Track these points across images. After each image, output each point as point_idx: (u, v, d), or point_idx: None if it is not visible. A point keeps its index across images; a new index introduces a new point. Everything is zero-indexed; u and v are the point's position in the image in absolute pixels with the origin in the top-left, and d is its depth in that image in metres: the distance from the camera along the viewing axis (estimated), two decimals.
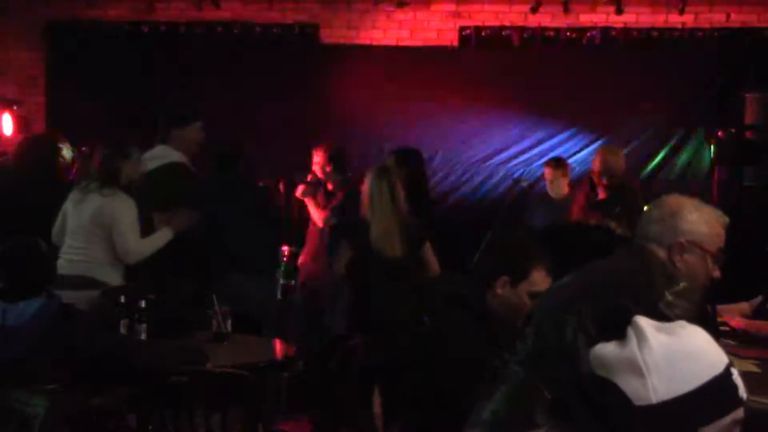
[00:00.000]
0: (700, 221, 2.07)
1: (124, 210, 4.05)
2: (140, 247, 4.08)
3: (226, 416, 3.03)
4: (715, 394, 1.25)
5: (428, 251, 4.31)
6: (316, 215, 5.28)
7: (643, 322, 1.28)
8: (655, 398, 1.22)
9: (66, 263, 3.98)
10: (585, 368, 1.30)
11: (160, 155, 4.53)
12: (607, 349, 1.26)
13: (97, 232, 4.03)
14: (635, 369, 1.24)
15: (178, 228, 4.22)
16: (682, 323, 1.31)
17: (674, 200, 2.12)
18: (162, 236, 4.17)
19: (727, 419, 1.26)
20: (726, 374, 1.27)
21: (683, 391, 1.23)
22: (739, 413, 1.27)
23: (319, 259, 5.14)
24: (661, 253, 2.03)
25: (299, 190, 5.42)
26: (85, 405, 3.02)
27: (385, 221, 4.07)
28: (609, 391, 1.23)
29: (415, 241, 4.19)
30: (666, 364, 1.23)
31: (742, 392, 1.28)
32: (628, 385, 1.24)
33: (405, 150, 5.24)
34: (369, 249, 4.07)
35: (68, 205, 4.16)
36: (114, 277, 4.04)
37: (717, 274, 2.12)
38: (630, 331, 1.26)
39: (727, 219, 2.14)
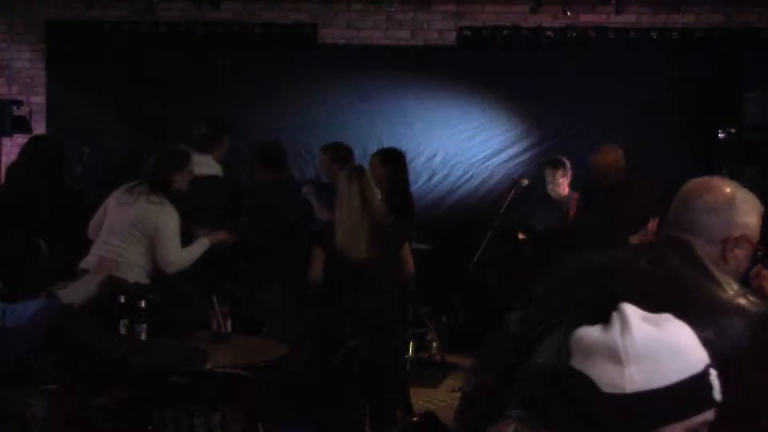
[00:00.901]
0: (753, 212, 1.88)
1: (170, 221, 4.04)
2: (180, 258, 4.10)
3: (226, 416, 3.04)
4: (690, 392, 1.24)
5: (405, 251, 4.30)
6: (323, 215, 5.26)
7: (629, 309, 1.27)
8: (629, 387, 1.22)
9: (97, 259, 3.98)
10: (563, 357, 1.30)
11: (207, 164, 4.56)
12: (589, 332, 1.26)
13: (137, 235, 4.02)
14: (614, 355, 1.23)
15: (218, 242, 4.27)
16: (668, 316, 1.29)
17: (724, 186, 1.88)
18: (200, 247, 4.20)
19: (698, 419, 1.25)
20: (704, 374, 1.25)
21: (660, 384, 1.22)
22: (710, 414, 1.26)
23: None
24: (708, 248, 1.83)
25: (303, 190, 5.41)
26: (85, 405, 3.02)
27: (352, 222, 4.05)
28: (580, 382, 1.23)
29: (390, 242, 4.16)
30: (646, 355, 1.22)
31: (717, 393, 1.26)
32: (604, 371, 1.23)
33: (387, 150, 5.26)
34: (336, 251, 4.07)
35: (111, 202, 4.13)
36: (142, 279, 4.03)
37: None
38: (615, 317, 1.26)
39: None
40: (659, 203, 3.06)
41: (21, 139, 6.25)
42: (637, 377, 1.21)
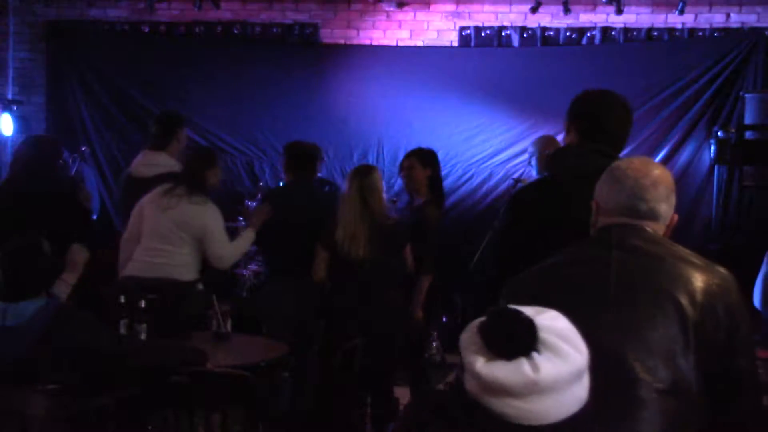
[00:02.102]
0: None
1: (216, 218, 4.11)
2: (231, 252, 4.18)
3: (226, 416, 3.03)
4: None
5: (405, 253, 4.31)
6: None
7: (548, 322, 1.23)
8: (586, 393, 1.25)
9: (146, 265, 4.01)
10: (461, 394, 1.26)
11: (164, 163, 4.52)
12: (547, 370, 1.18)
13: (184, 237, 4.05)
14: (580, 374, 1.23)
15: (258, 225, 4.31)
16: (542, 310, 1.28)
17: (664, 171, 1.98)
18: (247, 238, 4.28)
19: None
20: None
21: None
22: None
23: None
24: (661, 229, 1.93)
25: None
26: (85, 405, 3.02)
27: (351, 222, 4.05)
28: (482, 414, 1.20)
29: (390, 243, 4.16)
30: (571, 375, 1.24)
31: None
32: (571, 396, 1.22)
33: (425, 150, 5.11)
34: (337, 250, 4.07)
35: (148, 209, 4.12)
36: (193, 277, 4.09)
37: None
38: (552, 340, 1.21)
39: None
40: None
41: (21, 139, 6.25)
42: (560, 408, 1.21)
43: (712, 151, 6.56)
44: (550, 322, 1.23)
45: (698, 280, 1.76)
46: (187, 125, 4.79)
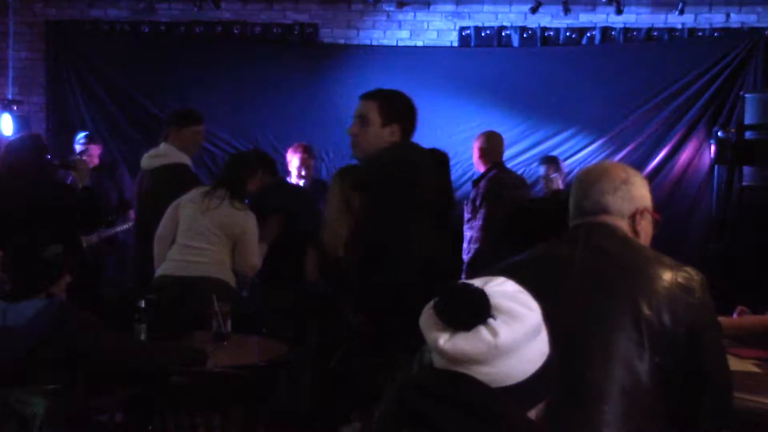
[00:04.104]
0: (645, 185, 2.03)
1: (254, 226, 4.17)
2: (257, 262, 4.24)
3: (226, 416, 3.03)
4: (550, 367, 1.34)
5: None
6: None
7: (497, 287, 1.29)
8: (547, 346, 1.32)
9: (184, 264, 4.04)
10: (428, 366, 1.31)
11: (164, 154, 4.58)
12: (505, 333, 1.24)
13: (223, 238, 4.09)
14: (537, 329, 1.30)
15: (270, 239, 4.37)
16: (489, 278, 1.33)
17: (615, 167, 2.03)
18: (262, 252, 4.31)
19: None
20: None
21: (538, 365, 1.31)
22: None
23: None
24: (621, 223, 1.95)
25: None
26: (85, 405, 3.02)
27: (334, 222, 4.06)
28: (464, 383, 1.24)
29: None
30: (526, 341, 1.29)
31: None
32: (532, 352, 1.28)
33: (435, 152, 5.12)
34: (324, 250, 4.08)
35: (186, 209, 4.16)
36: (230, 276, 4.14)
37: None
38: (505, 303, 1.27)
39: None
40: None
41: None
42: (527, 365, 1.27)
43: (712, 151, 6.56)
44: (500, 287, 1.30)
45: (660, 279, 1.76)
46: (199, 123, 4.79)
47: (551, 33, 6.84)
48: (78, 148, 5.98)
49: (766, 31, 6.64)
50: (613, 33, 6.79)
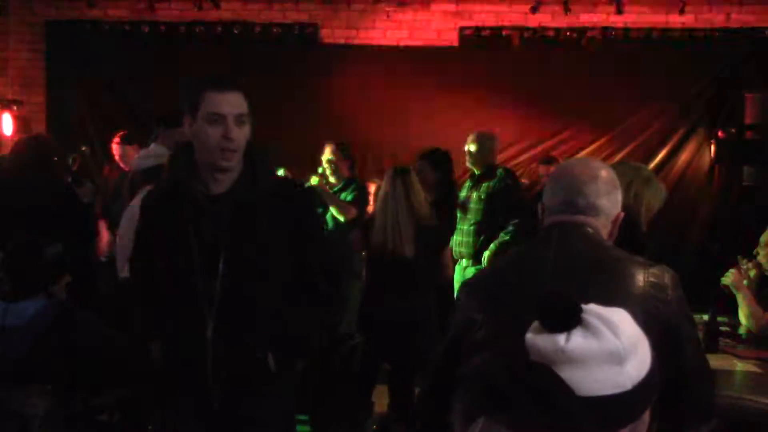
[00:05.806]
0: (620, 188, 1.98)
1: None
2: None
3: None
4: (655, 373, 1.33)
5: (444, 255, 4.32)
6: (342, 209, 5.22)
7: (599, 309, 1.32)
8: (630, 383, 1.28)
9: None
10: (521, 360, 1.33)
11: (154, 155, 4.56)
12: (576, 342, 1.27)
13: None
14: (616, 358, 1.28)
15: None
16: (618, 309, 1.34)
17: (605, 168, 1.95)
18: None
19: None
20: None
21: (644, 372, 1.30)
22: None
23: None
24: (603, 229, 1.90)
25: (312, 180, 5.39)
26: (85, 405, 3.02)
27: (397, 221, 4.06)
28: (550, 379, 1.27)
29: (431, 244, 4.17)
30: (633, 348, 1.30)
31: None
32: (603, 374, 1.27)
33: (436, 152, 5.16)
34: (377, 248, 4.07)
35: None
36: None
37: None
38: (594, 321, 1.29)
39: None
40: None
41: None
42: (633, 372, 1.28)
43: (712, 151, 6.56)
44: (602, 310, 1.33)
45: (632, 279, 1.75)
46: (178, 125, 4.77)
47: (551, 33, 6.84)
48: (115, 148, 5.88)
49: (766, 31, 6.63)
50: (613, 33, 6.79)
